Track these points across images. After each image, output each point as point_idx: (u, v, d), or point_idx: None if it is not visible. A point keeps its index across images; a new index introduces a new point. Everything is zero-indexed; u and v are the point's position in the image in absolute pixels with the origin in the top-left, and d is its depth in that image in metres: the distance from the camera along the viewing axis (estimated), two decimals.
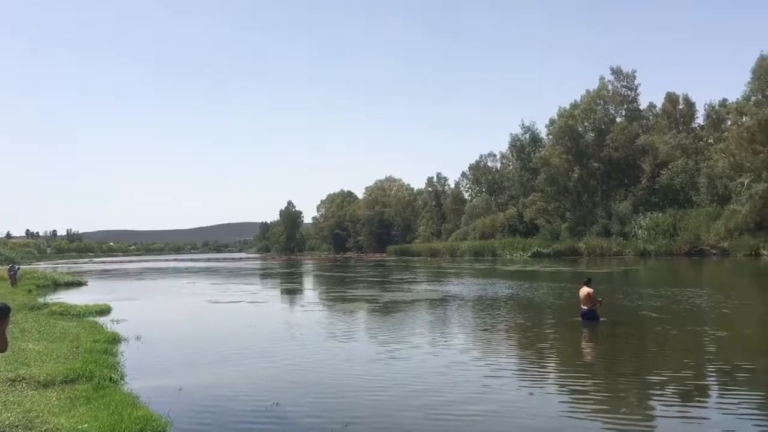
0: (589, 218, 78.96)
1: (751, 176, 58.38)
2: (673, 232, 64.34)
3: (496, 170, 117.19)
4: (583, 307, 16.61)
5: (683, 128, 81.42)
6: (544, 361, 12.53)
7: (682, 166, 72.57)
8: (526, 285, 31.89)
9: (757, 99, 60.62)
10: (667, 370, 11.01)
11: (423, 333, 16.19)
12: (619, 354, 13.10)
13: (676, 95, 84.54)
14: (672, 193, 72.66)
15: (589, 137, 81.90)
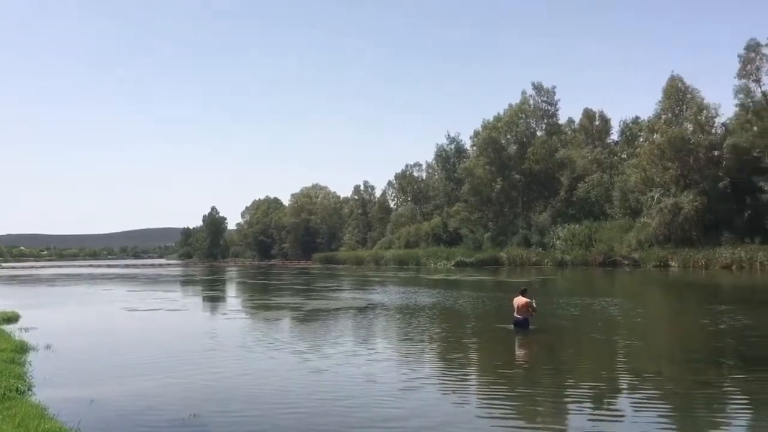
0: (510, 228, 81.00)
1: (661, 191, 61.39)
2: (589, 243, 66.78)
3: (421, 180, 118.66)
4: (517, 316, 17.00)
5: (599, 143, 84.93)
6: (466, 368, 12.77)
7: (598, 179, 75.55)
8: (449, 293, 32.39)
9: (667, 117, 63.80)
10: (584, 377, 11.45)
11: (346, 341, 16.20)
12: (540, 362, 13.51)
13: (593, 111, 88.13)
14: (588, 206, 75.46)
15: (512, 149, 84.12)
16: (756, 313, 21.00)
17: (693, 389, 10.32)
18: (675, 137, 59.61)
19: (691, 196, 57.81)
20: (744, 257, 51.51)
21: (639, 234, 61.52)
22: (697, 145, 60.01)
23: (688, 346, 15.24)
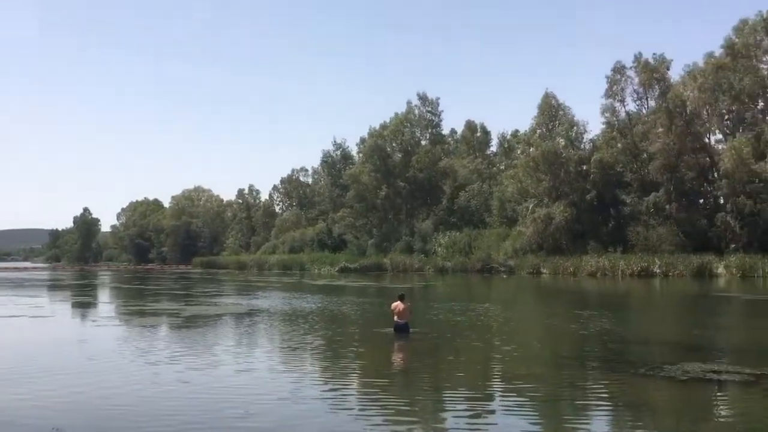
0: (394, 235, 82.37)
1: (535, 201, 64.69)
2: (468, 250, 69.14)
3: (307, 185, 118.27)
4: (398, 320, 17.24)
5: (479, 154, 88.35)
6: (346, 373, 12.83)
7: (478, 189, 78.48)
8: (332, 299, 32.44)
9: (541, 132, 67.40)
10: (461, 380, 11.87)
11: (225, 348, 15.82)
12: (419, 366, 13.79)
13: (475, 123, 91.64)
14: (468, 214, 78.15)
15: (397, 157, 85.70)
16: (616, 318, 22.55)
17: (561, 390, 10.92)
18: (548, 151, 63.00)
19: (561, 207, 61.26)
20: (607, 265, 55.18)
21: (515, 242, 64.45)
22: (567, 159, 63.73)
23: (557, 349, 16.12)
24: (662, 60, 62.22)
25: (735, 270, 49.97)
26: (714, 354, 14.40)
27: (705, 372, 11.54)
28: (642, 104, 64.51)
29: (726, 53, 58.51)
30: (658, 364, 12.31)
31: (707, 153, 60.91)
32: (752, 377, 11.20)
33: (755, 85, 57.72)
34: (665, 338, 17.55)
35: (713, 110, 60.12)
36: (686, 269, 51.49)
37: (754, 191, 53.89)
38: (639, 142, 62.63)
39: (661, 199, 59.01)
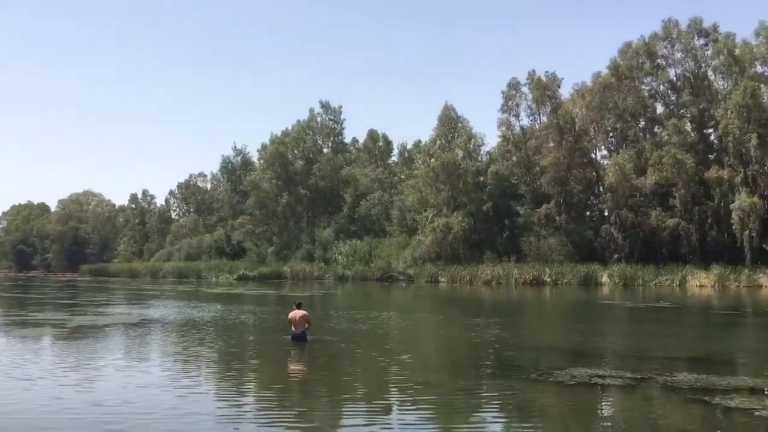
0: (294, 243, 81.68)
1: (434, 211, 66.06)
2: (369, 258, 69.62)
3: (206, 191, 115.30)
4: (295, 330, 17.03)
5: (381, 163, 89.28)
6: (242, 384, 12.55)
7: (379, 198, 79.22)
8: (229, 308, 31.69)
9: (441, 143, 68.99)
10: (359, 388, 11.88)
11: (111, 362, 15.06)
12: (317, 375, 13.70)
13: (377, 132, 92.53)
14: (369, 223, 78.72)
15: (298, 165, 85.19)
16: (509, 325, 23.35)
17: (456, 397, 11.16)
18: (447, 162, 64.55)
19: (459, 217, 62.88)
20: (502, 274, 57.12)
21: (414, 251, 65.49)
22: (466, 171, 65.54)
23: (453, 357, 16.48)
24: (554, 78, 65.30)
25: (618, 279, 53.03)
26: (599, 359, 15.14)
27: (591, 377, 12.13)
28: (535, 119, 67.54)
29: (611, 74, 62.16)
30: (547, 370, 12.82)
31: (594, 168, 64.40)
32: (633, 381, 11.89)
33: (637, 105, 61.65)
34: (554, 344, 18.33)
35: (599, 127, 63.66)
36: (574, 278, 54.15)
37: (635, 205, 57.39)
38: (532, 155, 65.36)
39: (552, 211, 61.76)
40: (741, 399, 10.26)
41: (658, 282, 51.74)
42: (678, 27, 60.72)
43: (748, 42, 56.33)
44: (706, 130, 60.00)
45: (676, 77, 61.97)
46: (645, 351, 16.79)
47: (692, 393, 10.82)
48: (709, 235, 55.01)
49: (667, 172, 55.09)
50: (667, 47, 61.56)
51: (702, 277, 51.11)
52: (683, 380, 11.82)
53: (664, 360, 14.89)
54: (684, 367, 13.50)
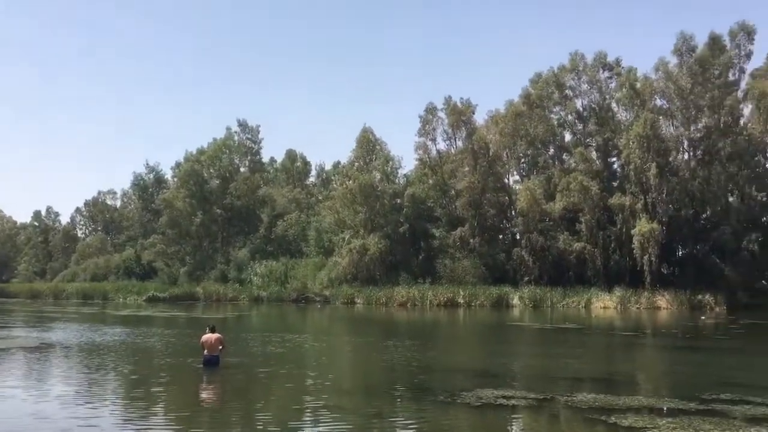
0: (208, 263, 79.85)
1: (351, 232, 66.24)
2: (285, 279, 68.89)
3: (115, 209, 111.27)
4: (208, 353, 16.67)
5: (299, 184, 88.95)
6: (150, 411, 12.19)
7: (296, 218, 78.75)
8: (137, 330, 30.63)
9: (359, 165, 69.42)
10: (272, 413, 11.79)
11: (12, 386, 14.32)
12: (230, 400, 13.50)
13: (295, 153, 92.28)
14: (286, 243, 78.03)
15: (214, 184, 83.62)
16: (422, 347, 23.69)
17: (369, 421, 11.26)
18: (365, 184, 64.98)
19: (376, 239, 63.27)
20: (417, 296, 57.80)
21: (330, 272, 65.30)
22: (383, 193, 66.18)
23: (367, 380, 16.60)
24: (468, 104, 67.13)
25: (528, 301, 54.71)
26: (506, 380, 15.62)
27: (497, 398, 12.53)
28: (451, 144, 69.00)
29: (523, 102, 64.55)
30: (456, 392, 13.14)
31: (506, 192, 66.42)
32: (536, 402, 12.35)
33: (547, 133, 64.21)
34: (465, 366, 18.76)
35: (512, 153, 65.83)
36: (487, 300, 55.49)
37: (545, 229, 59.49)
38: (448, 179, 66.75)
39: (467, 234, 63.11)
40: (635, 418, 10.85)
41: (566, 304, 53.74)
42: (584, 60, 63.87)
43: (649, 76, 59.94)
44: (610, 158, 63.10)
45: (582, 108, 65.02)
46: (550, 372, 17.44)
47: (590, 413, 11.36)
48: (612, 259, 57.63)
49: (574, 197, 57.50)
50: (574, 79, 64.54)
51: (606, 299, 53.48)
52: (583, 400, 12.38)
53: (567, 380, 15.53)
54: (585, 388, 14.14)
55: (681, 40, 57.51)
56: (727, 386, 14.19)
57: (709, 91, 56.14)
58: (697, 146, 58.91)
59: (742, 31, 56.69)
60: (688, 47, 57.24)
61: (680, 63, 57.67)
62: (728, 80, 57.29)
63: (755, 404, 12.19)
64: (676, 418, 10.90)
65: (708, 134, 57.42)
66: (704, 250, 56.72)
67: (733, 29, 56.97)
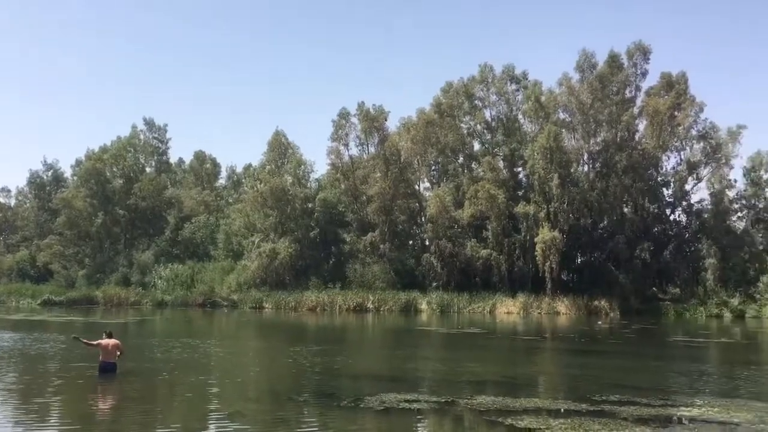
0: (109, 266, 76.65)
1: (261, 236, 65.39)
2: (191, 283, 67.05)
3: (9, 207, 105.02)
4: (104, 360, 16.04)
5: (208, 186, 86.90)
6: (43, 421, 11.60)
7: (204, 221, 76.91)
8: (30, 336, 29.01)
9: (271, 168, 68.66)
10: (174, 421, 11.47)
11: None
12: (129, 408, 13.03)
13: (204, 154, 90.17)
14: (193, 246, 76.03)
15: (117, 183, 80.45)
16: (330, 352, 23.67)
17: (272, 427, 11.18)
18: (276, 187, 64.36)
19: (287, 243, 62.76)
20: (327, 300, 57.72)
21: (239, 276, 64.18)
22: (294, 197, 65.75)
23: (273, 386, 16.45)
24: (381, 111, 67.74)
25: (436, 306, 55.71)
26: (411, 384, 15.89)
27: (400, 402, 12.73)
28: (363, 149, 69.39)
29: (434, 111, 65.80)
30: (361, 396, 13.25)
31: (417, 199, 67.47)
32: (437, 405, 12.65)
33: (457, 141, 65.75)
34: (371, 371, 18.92)
35: (423, 160, 66.96)
36: (396, 305, 56.10)
37: (453, 235, 60.82)
38: (360, 184, 67.09)
39: (377, 239, 63.65)
40: (530, 419, 11.31)
41: (472, 309, 55.09)
42: (493, 72, 65.90)
43: (553, 90, 62.58)
44: (516, 168, 65.27)
45: (491, 118, 66.99)
46: (454, 375, 17.87)
47: (490, 415, 11.74)
48: (517, 266, 59.59)
49: (481, 205, 59.10)
50: (483, 90, 66.44)
51: (509, 304, 55.24)
52: (483, 403, 12.78)
53: (469, 384, 15.96)
54: (486, 390, 14.58)
55: (583, 57, 60.43)
56: (616, 388, 15.00)
57: (607, 106, 59.19)
58: (596, 159, 61.90)
59: (639, 51, 60.06)
60: (589, 64, 60.18)
61: (582, 79, 60.55)
62: (625, 97, 60.55)
63: (641, 405, 12.94)
64: (569, 419, 11.43)
65: (606, 148, 60.44)
66: (601, 258, 59.58)
67: (630, 49, 60.28)
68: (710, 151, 59.27)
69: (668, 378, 18.14)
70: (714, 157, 59.20)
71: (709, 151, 59.38)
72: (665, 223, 62.49)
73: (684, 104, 58.60)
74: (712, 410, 12.51)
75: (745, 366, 21.14)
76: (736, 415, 12.01)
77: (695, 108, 58.90)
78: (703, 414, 12.21)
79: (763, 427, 11.04)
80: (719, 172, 59.32)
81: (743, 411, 12.44)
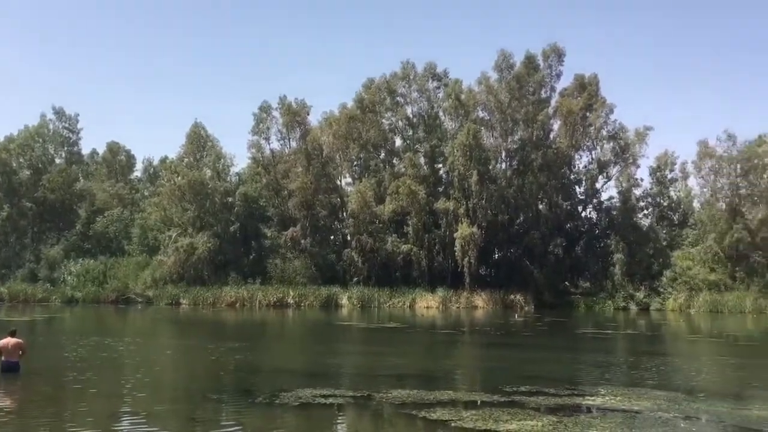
0: (15, 261, 72.92)
1: (179, 231, 63.71)
2: (104, 279, 64.61)
3: None
4: (7, 359, 15.30)
5: (122, 178, 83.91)
6: None
7: (118, 215, 74.25)
8: None
9: (189, 161, 66.98)
10: (83, 422, 11.07)
11: None
12: (35, 409, 12.49)
13: (118, 145, 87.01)
14: (106, 241, 73.26)
15: (24, 175, 76.52)
16: (247, 349, 23.42)
17: (187, 425, 11.00)
18: (194, 181, 62.88)
19: (205, 238, 61.43)
20: (246, 296, 56.94)
21: (155, 272, 62.33)
22: (214, 191, 64.41)
23: (188, 383, 16.16)
24: (303, 105, 67.24)
25: (356, 301, 55.97)
26: (328, 379, 15.93)
27: (315, 397, 12.78)
28: (285, 144, 68.70)
29: (357, 106, 65.90)
30: (276, 393, 13.21)
31: (339, 194, 67.43)
32: (353, 399, 12.77)
33: (379, 137, 66.11)
34: (289, 367, 18.87)
35: (345, 156, 66.95)
36: (316, 300, 56.00)
37: (374, 230, 61.15)
38: (281, 179, 66.41)
39: (298, 234, 63.22)
40: (443, 411, 11.58)
41: (392, 304, 55.66)
42: (415, 69, 66.62)
43: (473, 89, 63.82)
44: (436, 164, 66.23)
45: (412, 114, 67.70)
46: (371, 369, 18.06)
47: (404, 408, 11.96)
48: (437, 261, 60.57)
49: (402, 201, 59.71)
50: (405, 87, 67.06)
51: (429, 298, 56.15)
52: (398, 396, 12.99)
53: (387, 378, 16.16)
54: (403, 384, 14.80)
55: (501, 57, 61.96)
56: (528, 379, 15.55)
57: (524, 106, 60.95)
58: (513, 157, 63.66)
59: (554, 53, 62.12)
60: (507, 64, 61.76)
61: (500, 78, 62.08)
62: (541, 97, 62.52)
63: (550, 395, 13.49)
64: (481, 410, 11.79)
65: (523, 146, 62.27)
66: (517, 253, 61.37)
67: (546, 50, 62.27)
68: (619, 151, 62.00)
69: (576, 369, 18.94)
70: (622, 156, 61.96)
71: (618, 151, 62.11)
72: (577, 220, 65.02)
73: (595, 105, 61.07)
74: (614, 399, 13.17)
75: (648, 356, 22.32)
76: (637, 404, 12.69)
77: (606, 109, 61.48)
78: (607, 402, 12.84)
79: (661, 414, 11.71)
80: (627, 171, 62.11)
81: (643, 399, 13.15)
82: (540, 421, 10.84)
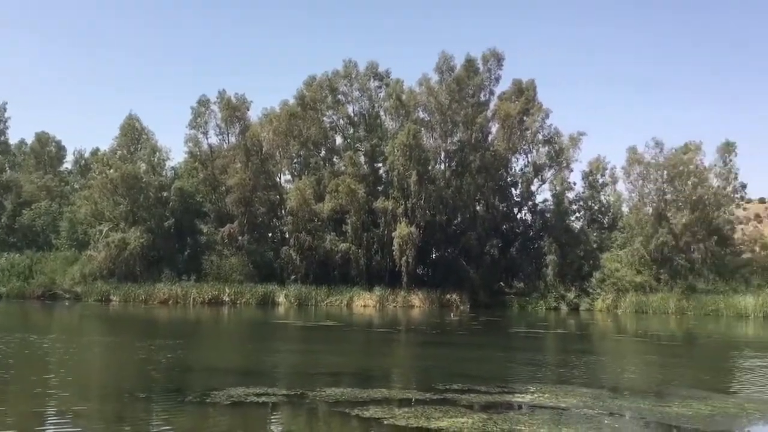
0: None
1: (110, 225, 61.81)
2: (29, 274, 62.17)
3: None
4: None
5: (51, 170, 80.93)
6: None
7: (46, 207, 71.57)
8: None
9: (122, 154, 65.08)
10: (5, 421, 10.64)
11: None
12: None
13: (47, 136, 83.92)
14: (33, 234, 70.54)
15: None
16: (180, 347, 22.93)
17: (114, 426, 10.71)
18: (128, 174, 61.15)
19: (138, 233, 59.81)
20: (180, 293, 55.75)
21: (84, 267, 60.31)
22: (148, 185, 62.79)
23: (116, 382, 15.72)
24: (243, 100, 66.32)
25: (293, 299, 55.57)
26: (262, 378, 15.79)
27: (248, 395, 12.65)
28: (223, 139, 67.51)
29: (298, 103, 65.39)
30: (208, 392, 13.01)
31: (278, 191, 66.76)
32: (286, 398, 12.71)
33: (320, 135, 65.78)
34: (222, 365, 18.60)
35: (285, 153, 66.30)
36: (253, 298, 55.33)
37: (313, 228, 60.85)
38: (219, 174, 65.27)
39: (236, 231, 62.29)
40: (376, 409, 11.65)
41: (329, 302, 55.51)
42: (357, 68, 66.59)
43: (414, 90, 64.24)
44: (376, 164, 66.36)
45: (353, 113, 67.62)
46: (306, 368, 17.99)
47: (337, 406, 11.98)
48: (375, 260, 60.71)
49: (342, 199, 59.57)
50: (347, 85, 66.93)
51: (366, 297, 56.23)
52: (332, 394, 13.00)
53: (322, 376, 16.15)
54: (338, 382, 14.81)
55: (442, 60, 62.62)
56: (461, 377, 15.80)
57: (463, 108, 61.74)
58: (452, 158, 64.43)
59: (493, 57, 63.18)
60: (448, 66, 62.45)
61: (441, 80, 62.72)
62: (480, 100, 63.47)
63: (481, 393, 13.74)
64: (413, 407, 11.92)
65: (461, 148, 63.10)
66: (454, 253, 62.14)
67: (486, 54, 63.26)
68: (554, 154, 63.56)
69: (508, 367, 19.37)
70: (557, 160, 63.52)
71: (552, 155, 63.66)
72: (513, 221, 66.38)
73: (532, 110, 62.45)
74: (543, 396, 13.53)
75: (576, 355, 23.01)
76: (564, 400, 13.07)
77: (542, 114, 62.91)
78: (535, 400, 13.19)
79: (587, 411, 12.11)
80: (561, 175, 63.69)
81: (570, 396, 13.56)
82: (471, 419, 11.04)
